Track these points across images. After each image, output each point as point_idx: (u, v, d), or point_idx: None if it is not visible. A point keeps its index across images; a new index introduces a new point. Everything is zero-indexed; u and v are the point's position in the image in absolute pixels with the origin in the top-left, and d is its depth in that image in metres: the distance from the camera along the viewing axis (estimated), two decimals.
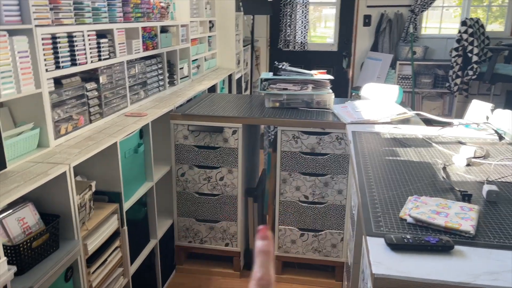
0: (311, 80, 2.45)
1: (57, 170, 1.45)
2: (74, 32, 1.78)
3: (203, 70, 3.61)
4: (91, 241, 1.67)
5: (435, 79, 5.22)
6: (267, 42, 5.61)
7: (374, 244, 1.00)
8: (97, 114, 2.00)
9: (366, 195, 1.26)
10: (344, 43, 5.53)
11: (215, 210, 2.42)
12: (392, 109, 2.26)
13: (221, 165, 2.34)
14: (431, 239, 0.98)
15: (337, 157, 2.23)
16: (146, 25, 2.45)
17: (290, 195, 2.33)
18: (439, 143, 1.77)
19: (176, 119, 2.33)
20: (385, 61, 5.17)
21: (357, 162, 1.55)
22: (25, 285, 1.31)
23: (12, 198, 1.25)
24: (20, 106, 1.61)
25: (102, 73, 2.01)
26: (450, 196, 1.25)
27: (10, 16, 1.44)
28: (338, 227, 2.33)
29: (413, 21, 5.15)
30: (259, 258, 0.46)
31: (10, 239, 1.36)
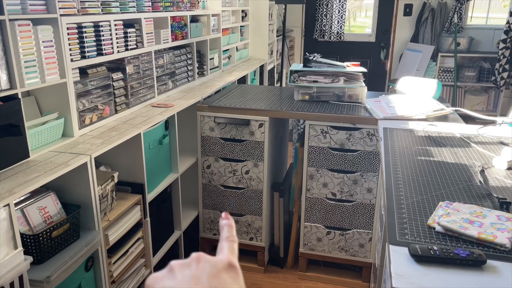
0: (343, 72, 2.34)
1: (78, 161, 1.45)
2: (100, 22, 1.77)
3: (235, 61, 3.56)
4: (113, 231, 1.68)
5: (479, 72, 4.93)
6: (302, 32, 5.48)
7: (397, 254, 0.92)
8: (123, 105, 1.99)
9: (392, 198, 1.18)
10: (382, 34, 5.32)
11: (240, 203, 2.38)
12: (429, 105, 2.12)
13: (246, 159, 2.30)
14: (461, 251, 0.89)
15: (368, 154, 2.13)
16: (176, 15, 2.42)
17: (317, 192, 2.25)
18: (479, 143, 1.64)
19: (203, 111, 2.30)
20: (425, 53, 4.93)
21: (386, 161, 1.45)
22: (44, 274, 1.32)
23: (31, 188, 1.25)
24: (46, 95, 1.62)
25: (129, 63, 2.01)
26: (486, 203, 1.14)
27: (35, 5, 1.44)
28: (367, 227, 2.24)
29: (458, 10, 4.87)
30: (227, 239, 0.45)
31: (31, 228, 1.37)
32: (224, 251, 0.44)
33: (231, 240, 0.45)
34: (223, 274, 0.40)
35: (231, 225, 0.47)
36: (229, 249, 0.44)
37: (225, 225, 0.47)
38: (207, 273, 0.40)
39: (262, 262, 2.47)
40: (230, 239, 0.45)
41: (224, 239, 0.45)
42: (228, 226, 0.47)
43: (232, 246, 0.44)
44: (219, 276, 0.40)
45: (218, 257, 0.43)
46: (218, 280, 0.39)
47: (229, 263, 0.41)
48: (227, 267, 0.41)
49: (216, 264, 0.41)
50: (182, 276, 0.40)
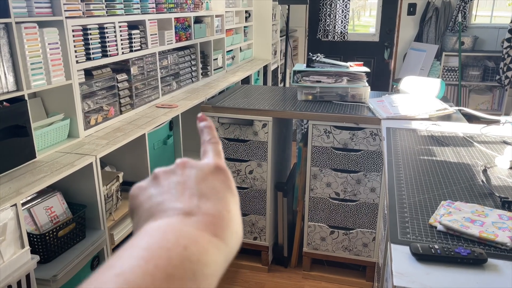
0: (346, 72, 2.35)
1: (83, 161, 1.47)
2: (105, 24, 1.79)
3: (238, 61, 3.58)
4: (118, 231, 1.70)
5: (484, 71, 4.91)
6: (306, 32, 5.48)
7: (398, 253, 0.93)
8: (128, 105, 2.01)
9: (394, 197, 1.18)
10: (386, 33, 5.31)
11: (244, 203, 2.40)
12: (432, 104, 2.13)
13: (250, 159, 2.31)
14: (462, 250, 0.89)
15: (371, 153, 2.14)
16: (179, 16, 2.44)
17: (320, 191, 2.26)
18: (482, 143, 1.65)
19: (207, 111, 2.32)
20: (429, 52, 4.92)
21: (389, 160, 1.46)
22: (50, 273, 1.34)
23: (37, 188, 1.27)
24: (52, 96, 1.65)
25: (134, 64, 2.03)
26: (488, 202, 1.15)
27: (41, 8, 1.46)
28: (370, 226, 2.24)
29: (462, 9, 4.85)
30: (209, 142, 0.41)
31: (38, 228, 1.39)
32: (209, 154, 0.40)
33: (214, 142, 0.41)
34: (211, 177, 0.37)
35: (210, 126, 0.43)
36: (214, 152, 0.40)
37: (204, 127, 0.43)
38: (194, 177, 0.37)
39: (266, 262, 2.48)
40: (212, 141, 0.41)
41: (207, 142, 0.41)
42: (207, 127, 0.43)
43: (216, 148, 0.41)
44: (207, 179, 0.37)
45: (204, 161, 0.39)
46: (206, 184, 0.36)
47: (216, 165, 0.38)
48: (214, 170, 0.38)
49: (202, 168, 0.37)
50: (168, 183, 0.37)
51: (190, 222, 0.32)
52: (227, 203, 0.36)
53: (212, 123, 0.43)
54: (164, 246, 0.29)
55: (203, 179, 0.36)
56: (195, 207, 0.34)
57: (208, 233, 0.32)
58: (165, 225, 0.32)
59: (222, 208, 0.35)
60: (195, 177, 0.37)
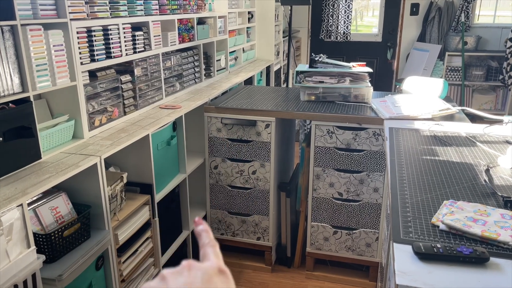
0: (348, 72, 2.36)
1: (88, 161, 1.48)
2: (109, 25, 1.81)
3: (241, 62, 3.59)
4: (122, 231, 1.71)
5: (487, 71, 4.90)
6: (308, 32, 5.49)
7: (400, 252, 0.94)
8: (132, 106, 2.03)
9: (397, 197, 1.19)
10: (389, 33, 5.31)
11: (247, 203, 2.41)
12: (434, 104, 2.13)
13: (253, 159, 2.32)
14: (464, 249, 0.90)
15: (374, 153, 2.14)
16: (182, 17, 2.45)
17: (323, 192, 2.27)
18: (484, 143, 1.65)
19: (210, 112, 2.33)
20: (432, 52, 4.92)
21: (391, 160, 1.47)
22: (55, 272, 1.35)
23: (43, 188, 1.29)
24: (57, 98, 1.66)
25: (137, 66, 2.04)
26: (491, 201, 1.15)
27: (45, 10, 1.48)
28: (373, 226, 2.25)
29: (465, 9, 4.85)
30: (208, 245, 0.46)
31: (43, 228, 1.40)
32: (210, 257, 0.44)
33: (213, 245, 0.46)
34: (215, 279, 0.41)
35: (207, 230, 0.47)
36: (214, 255, 0.45)
37: (201, 231, 0.47)
38: (200, 279, 0.40)
39: (269, 262, 2.49)
40: (211, 244, 0.46)
41: (206, 245, 0.46)
42: (205, 231, 0.47)
43: (215, 251, 0.45)
44: (211, 281, 0.41)
45: (207, 263, 0.43)
46: (211, 286, 0.40)
47: (219, 268, 0.43)
48: (218, 272, 0.42)
49: (207, 270, 0.42)
50: (176, 283, 0.40)
51: None
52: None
53: (208, 226, 0.48)
54: None
55: (209, 281, 0.40)
56: None
57: None
58: None
59: None
60: (201, 279, 0.40)
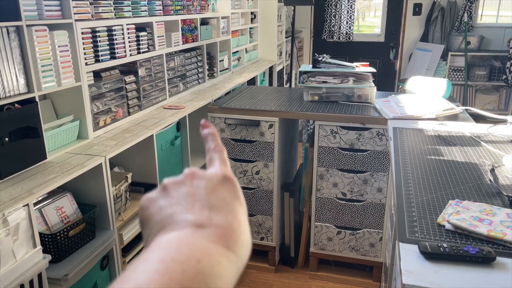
0: (352, 72, 2.36)
1: (93, 162, 1.49)
2: (113, 26, 1.81)
3: (244, 62, 3.59)
4: (127, 231, 1.72)
5: (490, 71, 4.89)
6: (311, 33, 5.49)
7: (406, 251, 0.94)
8: (136, 107, 2.03)
9: (402, 196, 1.19)
10: (391, 34, 5.31)
11: (251, 203, 2.41)
12: (438, 104, 2.13)
13: (257, 159, 2.32)
14: (470, 249, 0.90)
15: (378, 153, 2.14)
16: (186, 18, 2.46)
17: (327, 192, 2.27)
18: (489, 142, 1.65)
19: (214, 112, 2.33)
20: (435, 52, 4.91)
21: (396, 160, 1.47)
22: (61, 272, 1.36)
23: (49, 188, 1.29)
24: (61, 98, 1.67)
25: (141, 66, 2.04)
26: (496, 201, 1.15)
27: (51, 11, 1.49)
28: (377, 226, 2.24)
29: (468, 9, 4.84)
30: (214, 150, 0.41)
31: (49, 228, 1.41)
32: (215, 163, 0.40)
33: (219, 150, 0.41)
34: (220, 188, 0.37)
35: (214, 134, 0.43)
36: (220, 160, 0.40)
37: (208, 134, 0.42)
38: (203, 188, 0.37)
39: (273, 262, 2.49)
40: (217, 149, 0.41)
41: (212, 150, 0.41)
42: (211, 135, 0.42)
43: (222, 156, 0.41)
44: (216, 190, 0.37)
45: (211, 170, 0.39)
46: (215, 195, 0.37)
47: (224, 175, 0.38)
48: (222, 180, 0.38)
49: (211, 179, 0.38)
50: (178, 194, 0.37)
51: (202, 234, 0.33)
52: (236, 214, 0.36)
53: (215, 129, 0.43)
54: (178, 259, 0.29)
55: (213, 190, 0.37)
56: (206, 219, 0.34)
57: (220, 245, 0.32)
58: (177, 237, 0.32)
59: (232, 220, 0.35)
60: (205, 188, 0.37)
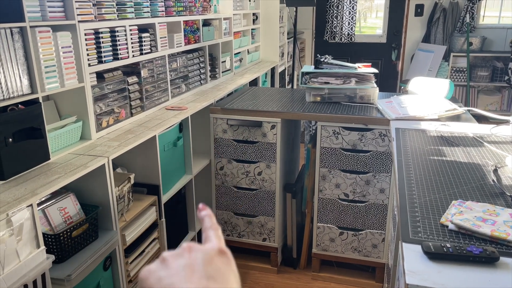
0: (354, 73, 2.36)
1: (96, 162, 1.49)
2: (116, 27, 1.82)
3: (246, 63, 3.59)
4: (129, 232, 1.72)
5: (493, 72, 4.89)
6: (313, 34, 5.49)
7: (410, 251, 0.94)
8: (138, 108, 2.04)
9: (405, 197, 1.19)
10: (393, 35, 5.31)
11: (253, 204, 2.41)
12: (441, 105, 2.13)
13: (259, 160, 2.32)
14: (474, 249, 0.90)
15: (380, 154, 2.14)
16: (188, 19, 2.46)
17: (329, 193, 2.27)
18: (492, 143, 1.65)
19: (216, 113, 2.34)
20: (437, 53, 4.91)
21: (399, 161, 1.47)
22: (65, 272, 1.36)
23: (52, 189, 1.30)
24: (64, 99, 1.67)
25: (144, 67, 2.05)
26: (499, 201, 1.15)
27: (54, 12, 1.49)
28: (380, 227, 2.24)
29: (470, 10, 4.84)
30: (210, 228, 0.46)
31: (52, 228, 1.41)
32: (211, 239, 0.44)
33: (215, 229, 0.46)
34: (216, 260, 0.41)
35: (210, 215, 0.47)
36: (215, 237, 0.44)
37: (205, 216, 0.47)
38: (200, 260, 0.40)
39: (275, 263, 2.49)
40: (213, 228, 0.46)
41: (208, 228, 0.46)
42: (208, 216, 0.47)
43: (217, 234, 0.45)
44: (212, 263, 0.40)
45: (208, 245, 0.43)
46: (212, 267, 0.40)
47: (219, 249, 0.42)
48: (218, 253, 0.42)
49: (208, 252, 0.41)
50: (177, 266, 0.40)
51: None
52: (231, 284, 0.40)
53: (211, 212, 0.48)
54: None
55: (210, 262, 0.40)
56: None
57: None
58: None
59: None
60: (202, 259, 0.40)
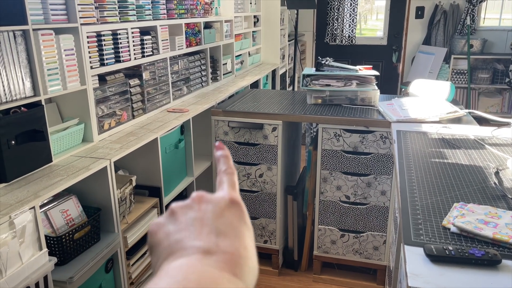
0: (355, 76, 2.36)
1: (98, 165, 1.49)
2: (118, 30, 1.82)
3: (247, 66, 3.60)
4: (131, 234, 1.72)
5: (493, 74, 4.89)
6: (313, 36, 5.50)
7: (412, 254, 0.94)
8: (140, 110, 2.04)
9: (407, 199, 1.19)
10: (394, 37, 5.31)
11: (254, 206, 2.41)
12: (442, 107, 2.13)
13: (260, 162, 2.33)
14: (476, 251, 0.90)
15: (381, 157, 2.14)
16: (190, 22, 2.47)
17: (330, 195, 2.27)
18: (493, 145, 1.65)
19: (217, 115, 2.34)
20: (438, 55, 4.91)
21: (400, 163, 1.47)
22: (67, 275, 1.36)
23: (54, 191, 1.30)
24: (67, 102, 1.68)
25: (145, 70, 2.05)
26: (501, 204, 1.15)
27: (56, 15, 1.50)
28: (381, 229, 2.24)
29: (471, 12, 4.85)
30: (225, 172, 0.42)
31: (54, 230, 1.42)
32: (224, 186, 0.41)
33: (230, 173, 0.42)
34: (227, 212, 0.38)
35: (227, 156, 0.43)
36: (229, 183, 0.41)
37: (221, 156, 0.43)
38: (210, 213, 0.37)
39: (276, 265, 2.49)
40: (228, 172, 0.42)
41: (222, 172, 0.42)
42: (224, 157, 0.43)
43: (231, 179, 0.41)
44: (223, 215, 0.37)
45: (219, 194, 0.40)
46: (223, 220, 0.37)
47: (231, 199, 0.39)
48: (230, 204, 0.38)
49: (219, 203, 0.38)
50: (186, 219, 0.37)
51: (210, 261, 0.33)
52: (243, 240, 0.36)
53: (229, 152, 0.44)
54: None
55: (220, 215, 0.37)
56: (214, 245, 0.34)
57: (228, 272, 0.33)
58: (185, 265, 0.32)
59: (239, 245, 0.35)
60: (212, 212, 0.37)
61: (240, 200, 0.39)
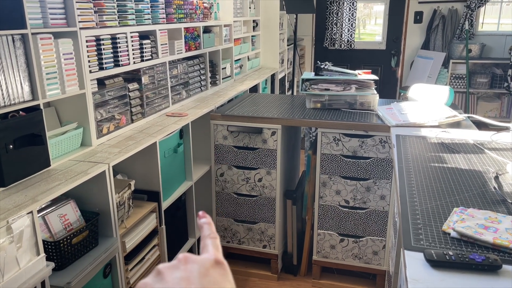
0: (354, 80, 2.36)
1: (96, 169, 1.49)
2: (117, 34, 1.82)
3: (246, 70, 3.60)
4: (129, 238, 1.71)
5: (492, 78, 4.90)
6: (312, 40, 5.52)
7: (412, 259, 0.93)
8: (139, 114, 2.04)
9: (406, 204, 1.19)
10: (393, 41, 5.33)
11: (253, 211, 2.40)
12: (441, 111, 2.13)
13: (259, 166, 2.32)
14: (476, 256, 0.89)
15: (381, 161, 2.14)
16: (189, 26, 2.47)
17: (330, 199, 2.26)
18: (492, 150, 1.65)
19: (216, 120, 2.34)
20: (437, 60, 4.92)
21: (399, 168, 1.47)
22: (64, 280, 1.35)
23: (52, 196, 1.29)
24: (65, 106, 1.67)
25: (145, 74, 2.05)
26: (501, 209, 1.15)
27: (55, 19, 1.50)
28: (380, 234, 2.23)
29: (469, 17, 4.86)
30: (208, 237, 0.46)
31: (52, 235, 1.41)
32: (208, 248, 0.44)
33: (213, 237, 0.45)
34: (212, 272, 0.41)
35: (210, 223, 0.47)
36: (213, 246, 0.44)
37: (204, 223, 0.47)
38: (196, 272, 0.40)
39: (275, 270, 2.48)
40: (211, 236, 0.45)
41: (206, 237, 0.45)
42: (207, 224, 0.47)
43: (215, 243, 0.45)
44: (208, 274, 0.40)
45: (204, 255, 0.43)
46: (208, 279, 0.40)
47: (216, 260, 0.42)
48: (214, 264, 0.41)
49: (204, 263, 0.41)
50: (172, 278, 0.39)
51: None
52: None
53: (211, 219, 0.48)
54: None
55: (205, 274, 0.40)
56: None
57: None
58: None
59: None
60: (198, 272, 0.40)
61: (224, 260, 0.42)
